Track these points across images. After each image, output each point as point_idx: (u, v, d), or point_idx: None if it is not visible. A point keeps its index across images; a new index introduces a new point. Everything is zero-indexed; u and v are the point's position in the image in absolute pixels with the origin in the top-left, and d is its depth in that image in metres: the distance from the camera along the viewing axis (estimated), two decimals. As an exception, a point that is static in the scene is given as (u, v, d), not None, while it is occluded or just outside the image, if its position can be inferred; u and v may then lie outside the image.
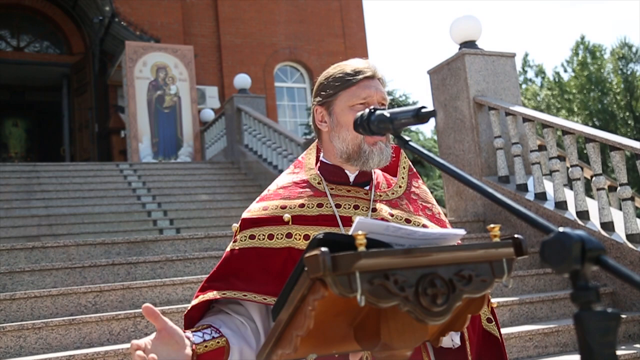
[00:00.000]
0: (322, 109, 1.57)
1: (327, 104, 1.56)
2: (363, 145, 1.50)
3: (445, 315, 0.93)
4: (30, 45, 14.11)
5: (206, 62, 13.76)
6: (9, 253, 4.34)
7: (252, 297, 1.41)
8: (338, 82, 1.54)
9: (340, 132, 1.53)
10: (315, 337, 1.02)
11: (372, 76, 1.53)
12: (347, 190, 1.56)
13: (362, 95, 1.51)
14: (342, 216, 1.51)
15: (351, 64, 1.57)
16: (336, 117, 1.54)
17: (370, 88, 1.52)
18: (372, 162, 1.51)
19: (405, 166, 1.68)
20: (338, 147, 1.54)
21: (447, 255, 0.95)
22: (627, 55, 23.92)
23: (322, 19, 15.30)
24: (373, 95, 1.51)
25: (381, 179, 1.63)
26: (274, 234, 1.47)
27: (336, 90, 1.54)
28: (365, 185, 1.58)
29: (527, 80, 26.66)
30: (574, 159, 4.74)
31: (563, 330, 3.73)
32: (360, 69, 1.54)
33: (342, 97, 1.53)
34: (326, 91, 1.56)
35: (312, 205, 1.52)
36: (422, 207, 1.61)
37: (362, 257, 0.86)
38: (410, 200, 1.61)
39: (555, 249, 0.76)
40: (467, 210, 5.62)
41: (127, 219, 7.47)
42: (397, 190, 1.62)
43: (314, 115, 1.60)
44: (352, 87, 1.52)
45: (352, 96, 1.51)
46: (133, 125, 11.33)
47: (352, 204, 1.54)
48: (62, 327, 3.30)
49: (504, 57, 5.74)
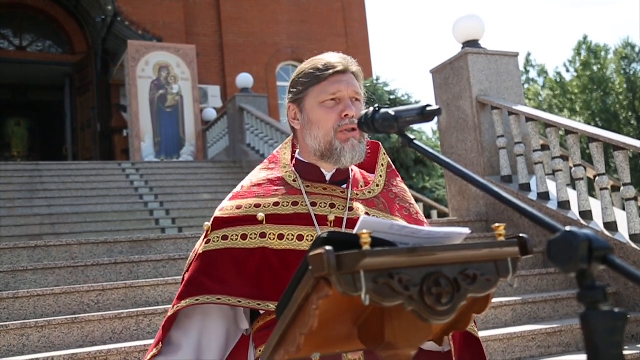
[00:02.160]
0: (294, 106, 1.54)
1: (299, 100, 1.52)
2: (334, 143, 1.46)
3: (450, 314, 0.92)
4: (33, 44, 14.13)
5: (208, 62, 13.77)
6: (12, 252, 4.35)
7: (227, 300, 1.39)
8: (308, 78, 1.50)
9: (312, 130, 1.49)
10: (319, 336, 1.02)
11: (344, 70, 1.49)
12: (324, 188, 1.52)
13: (331, 90, 1.47)
14: (317, 215, 1.47)
15: (323, 59, 1.52)
16: (307, 115, 1.50)
17: (340, 83, 1.47)
18: (344, 159, 1.47)
19: (384, 163, 1.64)
20: (310, 145, 1.50)
21: (451, 254, 0.94)
22: (630, 55, 23.87)
23: (325, 18, 15.30)
24: (343, 90, 1.47)
25: (359, 176, 1.60)
26: (247, 233, 1.43)
27: (306, 86, 1.50)
28: (343, 184, 1.55)
29: (529, 80, 26.62)
30: (577, 159, 4.73)
31: (566, 330, 3.72)
32: (331, 64, 1.49)
33: (312, 94, 1.49)
34: (297, 88, 1.53)
35: (287, 204, 1.48)
36: (399, 207, 1.58)
37: (367, 256, 0.86)
38: (388, 199, 1.58)
39: (562, 248, 0.76)
40: (469, 210, 5.61)
41: (130, 218, 7.48)
42: (374, 189, 1.58)
43: (287, 112, 1.57)
44: (322, 82, 1.48)
45: (321, 92, 1.47)
46: (135, 125, 11.33)
47: (328, 202, 1.50)
48: (65, 326, 3.30)
49: (507, 56, 5.73)
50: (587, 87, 23.90)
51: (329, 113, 1.47)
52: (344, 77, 1.48)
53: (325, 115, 1.47)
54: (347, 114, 1.46)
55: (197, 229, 7.09)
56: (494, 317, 3.90)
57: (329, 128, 1.46)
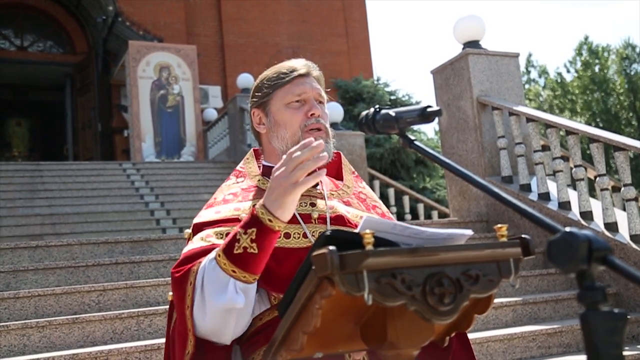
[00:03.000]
0: (259, 111, 1.57)
1: (263, 104, 1.55)
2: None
3: (452, 314, 0.93)
4: (34, 44, 14.13)
5: (209, 62, 13.77)
6: (13, 252, 4.35)
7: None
8: (272, 82, 1.54)
9: (279, 132, 1.51)
10: (322, 336, 1.02)
11: (307, 73, 1.53)
12: None
13: (296, 92, 1.51)
14: (301, 214, 1.47)
15: (285, 64, 1.57)
16: (273, 117, 1.53)
17: (304, 85, 1.51)
18: None
19: (348, 169, 1.68)
20: (278, 147, 1.52)
21: (454, 254, 0.95)
22: (631, 56, 23.86)
23: (325, 18, 15.30)
24: (308, 91, 1.51)
25: (327, 180, 1.61)
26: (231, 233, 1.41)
27: (271, 89, 1.54)
28: (314, 186, 1.54)
29: (530, 81, 26.61)
30: (578, 159, 4.74)
31: (566, 330, 3.72)
32: (293, 67, 1.54)
33: (277, 96, 1.52)
34: (261, 92, 1.56)
35: None
36: (372, 206, 1.62)
37: (370, 255, 0.87)
38: (360, 200, 1.61)
39: (562, 248, 0.76)
40: (470, 211, 5.62)
41: (130, 218, 7.48)
42: (346, 190, 1.61)
43: (251, 118, 1.59)
44: (286, 85, 1.52)
45: (287, 93, 1.51)
46: (136, 125, 11.34)
47: (308, 202, 1.51)
48: (66, 326, 3.31)
49: (508, 57, 5.73)
50: (588, 88, 23.90)
51: (295, 113, 1.50)
52: (307, 80, 1.53)
53: (291, 115, 1.50)
54: (313, 113, 1.50)
55: (198, 229, 7.09)
56: (494, 317, 3.90)
57: (296, 128, 1.50)
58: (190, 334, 1.30)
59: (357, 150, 7.61)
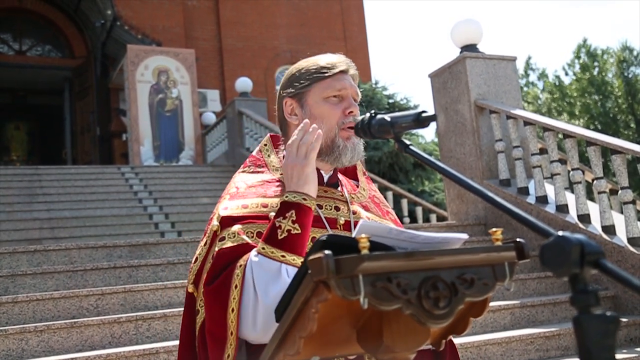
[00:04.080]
0: (293, 101, 1.51)
1: (299, 95, 1.50)
2: (337, 140, 1.45)
3: (448, 318, 0.94)
4: (33, 48, 14.15)
5: (207, 66, 13.79)
6: (11, 256, 4.35)
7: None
8: (312, 74, 1.50)
9: (314, 124, 1.45)
10: (318, 340, 1.03)
11: (347, 70, 1.51)
12: (324, 191, 1.49)
13: (337, 87, 1.47)
14: (327, 218, 1.45)
15: (325, 58, 1.53)
16: (309, 109, 1.48)
17: (345, 81, 1.49)
18: (345, 157, 1.46)
19: (362, 171, 1.65)
20: None
21: (449, 258, 0.95)
22: (629, 59, 23.92)
23: (324, 22, 15.33)
24: (348, 88, 1.48)
25: (345, 181, 1.59)
26: (262, 232, 1.37)
27: (310, 81, 1.49)
28: (335, 187, 1.53)
29: (529, 84, 26.66)
30: (575, 163, 4.75)
31: (564, 333, 3.73)
32: (335, 63, 1.51)
33: (316, 89, 1.48)
34: (299, 82, 1.50)
35: None
36: (385, 212, 1.60)
37: (365, 260, 0.87)
38: (375, 203, 1.59)
39: (554, 252, 0.77)
40: (468, 214, 5.63)
41: (129, 222, 7.48)
42: (363, 193, 1.59)
43: (282, 107, 1.53)
44: (327, 79, 1.48)
45: (327, 88, 1.47)
46: (135, 129, 11.34)
47: (332, 205, 1.48)
48: (64, 330, 3.31)
49: (505, 60, 5.75)
50: (586, 91, 23.94)
51: (333, 109, 1.47)
52: (346, 76, 1.50)
53: (330, 110, 1.47)
54: (351, 111, 1.46)
55: (196, 233, 7.09)
56: (492, 320, 3.91)
57: (333, 124, 1.46)
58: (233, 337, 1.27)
59: (356, 153, 7.60)
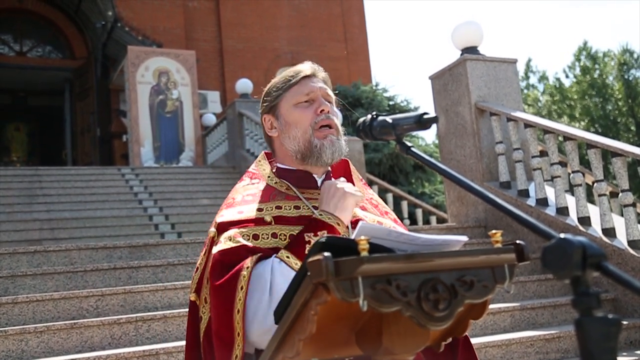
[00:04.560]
0: (269, 116, 1.59)
1: (273, 109, 1.57)
2: (313, 140, 1.50)
3: (447, 320, 0.93)
4: (33, 49, 14.15)
5: (208, 67, 13.79)
6: (11, 257, 4.35)
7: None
8: (280, 86, 1.56)
9: (290, 132, 1.52)
10: (318, 342, 1.03)
11: (313, 74, 1.56)
12: (319, 193, 1.51)
13: (304, 91, 1.53)
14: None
15: (292, 69, 1.59)
16: (284, 119, 1.54)
17: (311, 84, 1.54)
18: (325, 155, 1.50)
19: (357, 177, 1.69)
20: (291, 148, 1.52)
21: (449, 260, 0.95)
22: (629, 62, 23.92)
23: (324, 23, 15.33)
24: (316, 90, 1.53)
25: None
26: (258, 234, 1.39)
27: (278, 93, 1.56)
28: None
29: (529, 86, 26.66)
30: (576, 165, 4.74)
31: (564, 336, 3.72)
32: (299, 70, 1.57)
33: (286, 98, 1.54)
34: (269, 97, 1.58)
35: (290, 207, 1.47)
36: (384, 212, 1.62)
37: (365, 262, 0.87)
38: (373, 205, 1.62)
39: (556, 255, 0.77)
40: (468, 216, 5.62)
41: (129, 223, 7.48)
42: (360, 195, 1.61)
43: (263, 125, 1.60)
44: (294, 86, 1.54)
45: (295, 94, 1.53)
46: (135, 130, 11.35)
47: None
48: (64, 331, 3.30)
49: (506, 62, 5.75)
50: (587, 93, 23.94)
51: (304, 112, 1.52)
52: (313, 80, 1.55)
53: (301, 114, 1.52)
54: (322, 109, 1.51)
55: (197, 234, 7.09)
56: (492, 323, 3.90)
57: (307, 126, 1.51)
58: (240, 338, 1.28)
59: (356, 155, 7.62)
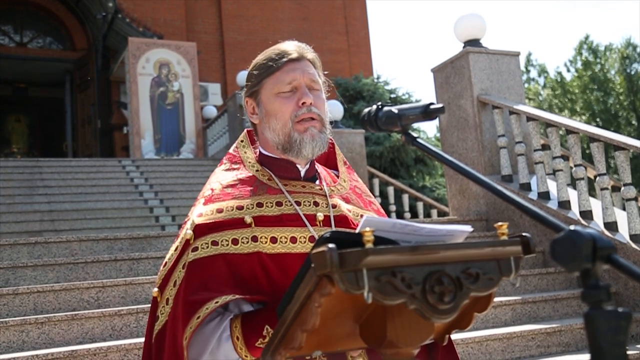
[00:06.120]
0: (251, 100, 1.47)
1: (255, 94, 1.46)
2: (293, 134, 1.40)
3: (452, 313, 0.92)
4: (34, 40, 14.11)
5: (209, 59, 13.75)
6: (12, 248, 4.34)
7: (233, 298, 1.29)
8: (262, 69, 1.44)
9: (270, 122, 1.42)
10: (321, 334, 1.02)
11: (298, 58, 1.43)
12: (302, 186, 1.44)
13: (286, 80, 1.41)
14: (306, 214, 1.39)
15: (277, 48, 1.46)
16: (264, 107, 1.44)
17: (295, 71, 1.41)
18: (305, 150, 1.40)
19: (341, 160, 1.60)
20: (270, 139, 1.43)
21: (454, 252, 0.94)
22: (631, 55, 23.86)
23: (326, 16, 15.28)
24: (299, 78, 1.41)
25: (324, 173, 1.54)
26: (238, 238, 1.33)
27: (260, 78, 1.44)
28: (314, 180, 1.48)
29: (529, 80, 26.61)
30: (578, 159, 4.73)
31: (566, 330, 3.72)
32: (284, 51, 1.44)
33: (267, 85, 1.43)
34: (252, 81, 1.47)
35: (271, 204, 1.38)
36: (368, 202, 1.55)
37: (370, 254, 0.86)
38: (356, 194, 1.54)
39: (566, 247, 0.75)
40: (469, 209, 5.61)
41: (130, 215, 7.47)
42: (344, 185, 1.54)
43: (245, 108, 1.50)
44: (276, 72, 1.42)
45: (277, 82, 1.41)
46: (135, 122, 11.32)
47: (311, 200, 1.42)
48: (65, 322, 3.30)
49: (508, 55, 5.73)
50: (588, 87, 23.89)
51: (285, 103, 1.41)
52: (298, 65, 1.42)
53: (281, 106, 1.41)
54: (304, 102, 1.40)
55: (197, 227, 7.08)
56: (493, 316, 3.90)
57: (286, 119, 1.40)
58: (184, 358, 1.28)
59: (357, 148, 7.61)
